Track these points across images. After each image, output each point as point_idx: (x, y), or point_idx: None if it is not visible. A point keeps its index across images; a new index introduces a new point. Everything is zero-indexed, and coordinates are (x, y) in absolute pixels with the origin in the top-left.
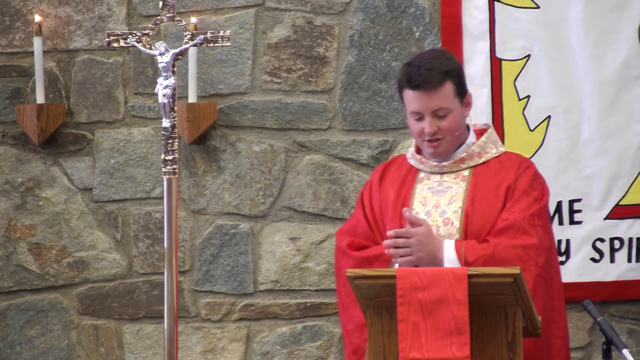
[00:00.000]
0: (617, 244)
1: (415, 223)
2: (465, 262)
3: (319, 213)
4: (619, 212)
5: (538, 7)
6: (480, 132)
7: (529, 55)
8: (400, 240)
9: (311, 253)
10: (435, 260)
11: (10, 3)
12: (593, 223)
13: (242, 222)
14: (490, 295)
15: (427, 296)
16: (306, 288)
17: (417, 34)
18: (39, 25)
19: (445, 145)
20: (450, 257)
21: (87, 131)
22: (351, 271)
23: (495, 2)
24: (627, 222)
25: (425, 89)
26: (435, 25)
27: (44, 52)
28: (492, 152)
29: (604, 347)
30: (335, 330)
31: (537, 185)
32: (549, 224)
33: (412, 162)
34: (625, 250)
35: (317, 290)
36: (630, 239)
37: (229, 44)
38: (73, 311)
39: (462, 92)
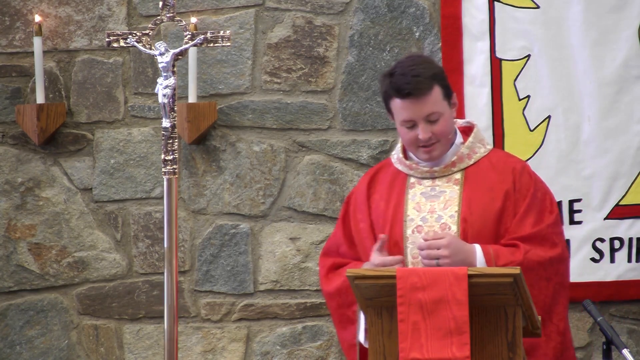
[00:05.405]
0: (617, 244)
1: (439, 237)
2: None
3: (319, 213)
4: (619, 212)
5: (538, 7)
6: (464, 130)
7: (529, 55)
8: (433, 252)
9: (311, 253)
10: (470, 265)
11: (10, 3)
12: (593, 223)
13: (242, 222)
14: (490, 295)
15: (427, 296)
16: (306, 288)
17: (417, 34)
18: (39, 25)
19: (439, 149)
20: (481, 261)
21: (87, 131)
22: (351, 271)
23: (495, 2)
24: (627, 222)
25: (416, 96)
26: (435, 25)
27: (44, 52)
28: (481, 152)
29: (604, 347)
30: (335, 331)
31: (541, 187)
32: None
33: (400, 167)
34: (625, 250)
35: (317, 290)
36: (630, 239)
37: (229, 44)
38: (73, 311)
39: (448, 94)
